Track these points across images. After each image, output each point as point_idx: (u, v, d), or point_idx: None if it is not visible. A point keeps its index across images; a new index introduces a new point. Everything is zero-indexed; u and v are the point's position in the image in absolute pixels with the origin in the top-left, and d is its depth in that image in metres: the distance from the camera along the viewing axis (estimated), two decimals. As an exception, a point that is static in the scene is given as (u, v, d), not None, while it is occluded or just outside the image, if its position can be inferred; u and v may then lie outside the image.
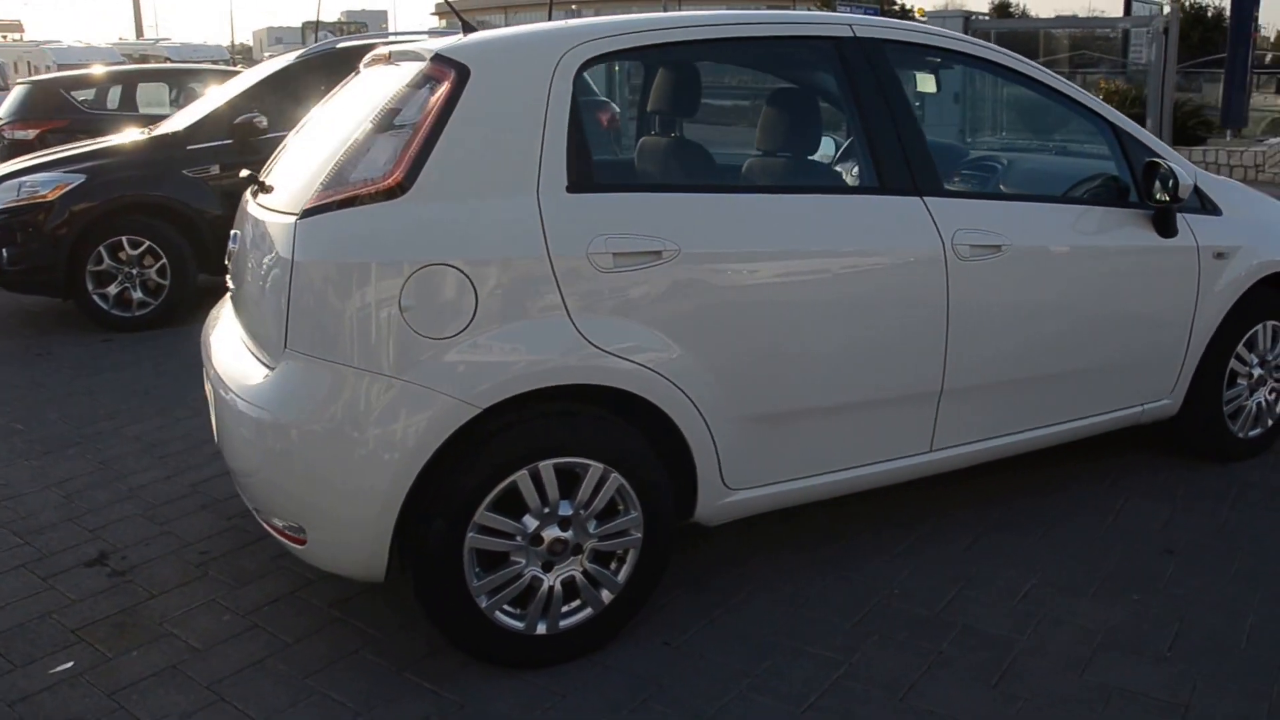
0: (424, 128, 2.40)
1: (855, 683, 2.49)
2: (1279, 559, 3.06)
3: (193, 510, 3.49)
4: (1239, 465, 3.73)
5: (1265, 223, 3.69)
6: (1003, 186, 3.50)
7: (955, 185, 3.26)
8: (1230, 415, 3.67)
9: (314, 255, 2.36)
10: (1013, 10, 37.14)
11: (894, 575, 2.98)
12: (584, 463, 2.46)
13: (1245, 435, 3.74)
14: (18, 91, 9.81)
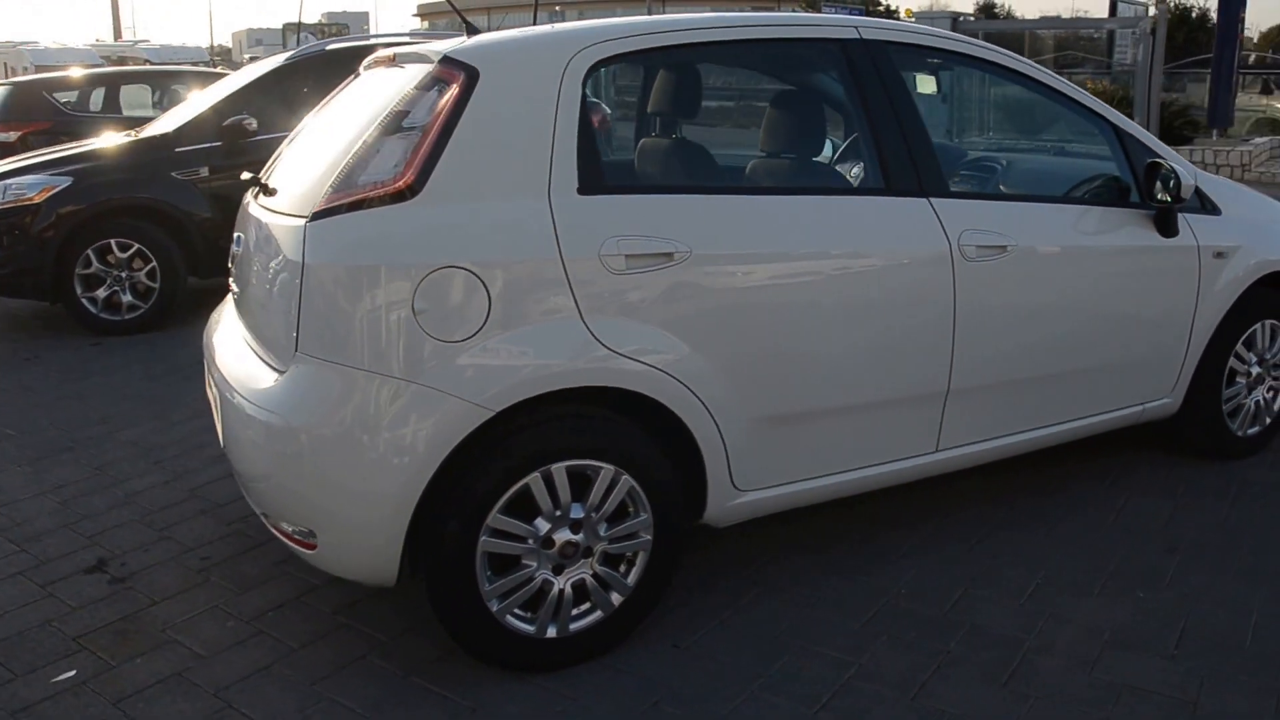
0: (434, 130, 2.39)
1: (866, 683, 2.49)
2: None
3: (192, 515, 3.45)
4: (1238, 463, 3.76)
5: (1263, 222, 3.73)
6: (1004, 187, 3.51)
7: (959, 186, 3.27)
8: (1229, 414, 3.70)
9: (325, 258, 2.34)
10: (997, 11, 37.35)
11: (901, 575, 2.99)
12: (596, 465, 2.45)
13: (1244, 433, 3.77)
14: (-1, 93, 9.72)
